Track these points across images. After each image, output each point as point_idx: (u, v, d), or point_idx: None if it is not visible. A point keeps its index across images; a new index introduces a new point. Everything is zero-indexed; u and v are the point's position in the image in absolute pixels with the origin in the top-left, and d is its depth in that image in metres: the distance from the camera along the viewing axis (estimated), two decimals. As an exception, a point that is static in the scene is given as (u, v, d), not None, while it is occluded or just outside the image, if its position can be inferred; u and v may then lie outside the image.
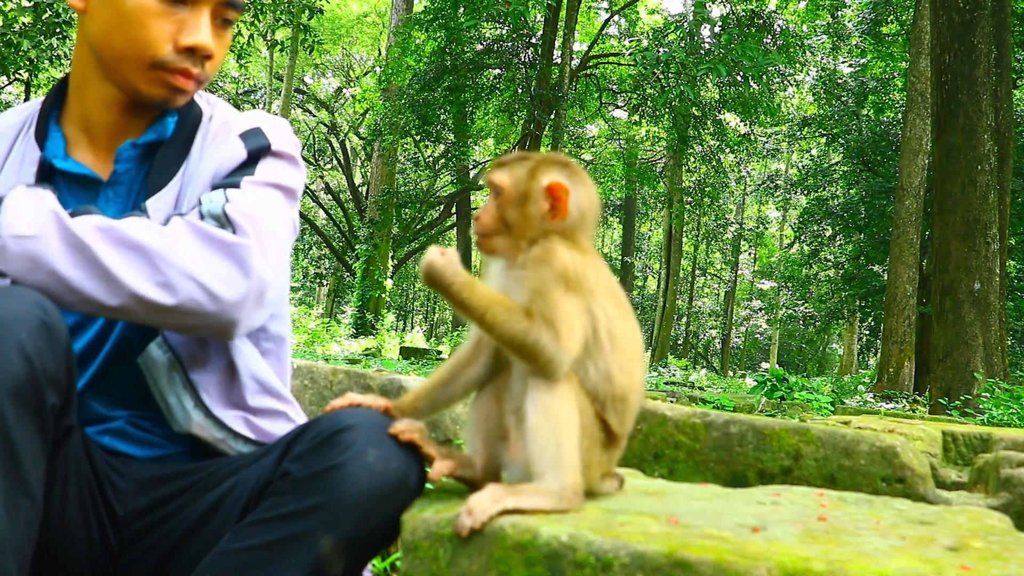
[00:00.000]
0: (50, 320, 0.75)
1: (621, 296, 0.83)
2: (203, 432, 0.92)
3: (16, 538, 0.73)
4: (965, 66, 6.69)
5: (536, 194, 0.82)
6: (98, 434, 0.94)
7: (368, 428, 0.81)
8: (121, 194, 0.94)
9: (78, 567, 0.89)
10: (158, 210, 0.92)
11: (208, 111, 1.00)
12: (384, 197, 12.60)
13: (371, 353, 9.28)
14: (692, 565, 0.67)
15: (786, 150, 17.06)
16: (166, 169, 0.94)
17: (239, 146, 0.94)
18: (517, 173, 0.83)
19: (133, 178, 0.95)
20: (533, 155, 0.86)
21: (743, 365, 23.01)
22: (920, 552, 0.73)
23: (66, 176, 0.95)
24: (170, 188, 0.93)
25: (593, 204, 0.84)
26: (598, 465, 0.81)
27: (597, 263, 0.82)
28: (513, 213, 0.82)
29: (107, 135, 0.96)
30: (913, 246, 8.29)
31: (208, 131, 0.97)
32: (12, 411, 0.71)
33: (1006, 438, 1.75)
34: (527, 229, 0.82)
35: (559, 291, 0.76)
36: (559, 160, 0.85)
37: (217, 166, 0.93)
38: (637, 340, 0.83)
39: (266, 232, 0.86)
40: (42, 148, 0.95)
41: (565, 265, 0.78)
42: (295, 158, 0.97)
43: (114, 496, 0.91)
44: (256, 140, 0.95)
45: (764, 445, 1.41)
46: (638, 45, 11.86)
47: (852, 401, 7.61)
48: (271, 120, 0.99)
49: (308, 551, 0.77)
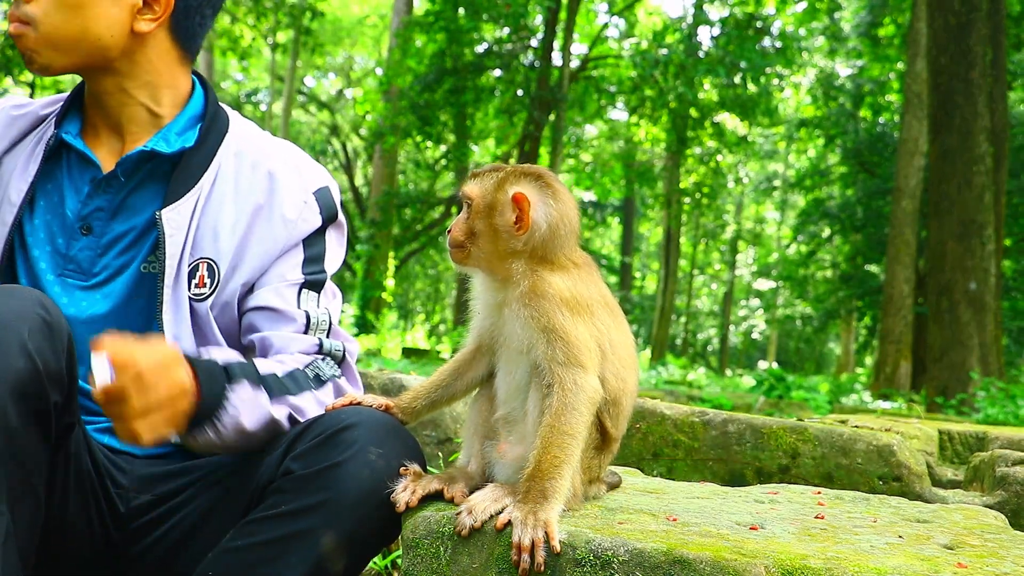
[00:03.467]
0: (51, 318, 0.76)
1: (612, 302, 0.84)
2: None
3: (19, 533, 0.74)
4: (961, 68, 6.72)
5: (502, 205, 0.82)
6: (100, 432, 0.94)
7: (369, 427, 0.82)
8: (114, 187, 0.96)
9: (81, 562, 0.89)
10: (171, 220, 0.92)
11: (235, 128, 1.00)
12: (385, 198, 12.59)
13: (372, 353, 9.29)
14: (690, 563, 0.67)
15: (784, 151, 17.08)
16: (185, 181, 0.94)
17: (315, 210, 0.98)
18: (486, 184, 0.84)
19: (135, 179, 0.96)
20: (507, 167, 0.85)
21: (741, 364, 23.03)
22: (917, 550, 0.74)
23: (70, 152, 0.97)
24: (187, 200, 0.94)
25: (566, 217, 0.82)
26: (587, 469, 0.82)
27: (585, 275, 0.82)
28: (481, 224, 0.83)
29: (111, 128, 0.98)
30: (910, 246, 8.31)
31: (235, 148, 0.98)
32: (14, 408, 0.72)
33: (1002, 437, 1.76)
34: (496, 241, 0.82)
35: (568, 322, 0.77)
36: (532, 172, 0.84)
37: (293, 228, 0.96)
38: (630, 346, 0.84)
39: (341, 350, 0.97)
40: (59, 127, 0.97)
41: (561, 293, 0.79)
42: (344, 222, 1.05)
43: (116, 492, 0.91)
44: (330, 206, 1.00)
45: (762, 444, 1.42)
46: (637, 47, 11.88)
47: (849, 400, 7.63)
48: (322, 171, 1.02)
49: (309, 548, 0.77)
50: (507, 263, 0.82)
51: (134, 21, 0.92)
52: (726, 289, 22.00)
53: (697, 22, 10.99)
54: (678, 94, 10.67)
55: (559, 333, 0.77)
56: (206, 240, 0.93)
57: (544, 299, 0.78)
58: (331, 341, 0.96)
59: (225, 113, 1.01)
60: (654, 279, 23.74)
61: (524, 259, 0.81)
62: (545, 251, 0.81)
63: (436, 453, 1.69)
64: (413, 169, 16.41)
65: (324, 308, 0.97)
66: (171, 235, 0.92)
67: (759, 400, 5.13)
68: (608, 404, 0.81)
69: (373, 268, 12.71)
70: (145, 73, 0.95)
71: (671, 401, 2.16)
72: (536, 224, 0.81)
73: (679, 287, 18.75)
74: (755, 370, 14.18)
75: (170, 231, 0.92)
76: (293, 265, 0.95)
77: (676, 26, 11.26)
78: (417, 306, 24.49)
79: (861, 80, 12.52)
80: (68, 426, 0.82)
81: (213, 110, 0.99)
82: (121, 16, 0.91)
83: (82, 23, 0.90)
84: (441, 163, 15.12)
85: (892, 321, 8.15)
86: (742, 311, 24.17)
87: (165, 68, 0.96)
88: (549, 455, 0.75)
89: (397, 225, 13.60)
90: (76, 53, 0.92)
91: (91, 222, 0.95)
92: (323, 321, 0.96)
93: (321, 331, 0.95)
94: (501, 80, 11.33)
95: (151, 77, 0.96)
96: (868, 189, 11.69)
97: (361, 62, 20.46)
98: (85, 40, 0.91)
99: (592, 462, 0.83)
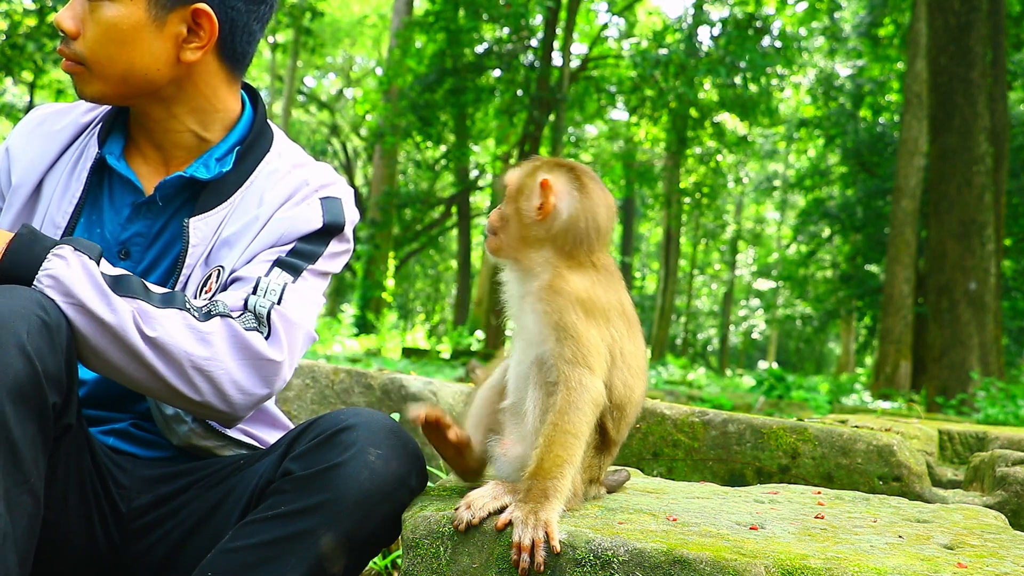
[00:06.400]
0: (50, 319, 0.76)
1: (630, 309, 0.83)
2: (204, 442, 0.94)
3: (18, 534, 0.74)
4: (961, 68, 6.72)
5: (530, 190, 0.82)
6: (103, 434, 0.94)
7: (369, 428, 0.82)
8: (154, 212, 0.95)
9: (81, 562, 0.89)
10: (198, 229, 0.92)
11: (277, 148, 0.99)
12: (385, 198, 12.59)
13: (372, 352, 9.29)
14: (690, 563, 0.67)
15: (784, 151, 17.08)
16: (218, 195, 0.94)
17: (317, 212, 0.94)
18: (523, 171, 0.84)
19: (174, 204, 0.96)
20: (548, 158, 0.86)
21: (741, 364, 23.04)
22: (917, 550, 0.74)
23: (112, 172, 0.97)
24: (216, 212, 0.94)
25: (590, 213, 0.81)
26: (587, 469, 0.82)
27: (605, 279, 0.82)
28: (510, 209, 0.83)
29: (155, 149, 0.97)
30: (910, 246, 8.31)
31: (272, 167, 0.97)
32: (13, 410, 0.72)
33: (1002, 437, 1.76)
34: (520, 226, 0.82)
35: (581, 323, 0.77)
36: (567, 165, 0.84)
37: (289, 226, 0.93)
38: (642, 356, 0.84)
39: (300, 340, 0.90)
40: (102, 146, 0.97)
41: (578, 293, 0.78)
42: (351, 240, 0.99)
43: (117, 493, 0.91)
44: (335, 214, 0.95)
45: (762, 444, 1.42)
46: (637, 47, 11.88)
47: (849, 400, 7.63)
48: (346, 189, 1.00)
49: (309, 549, 0.77)
50: (532, 252, 0.82)
51: (180, 51, 0.91)
52: (726, 289, 22.00)
53: (697, 22, 10.99)
54: (678, 94, 10.67)
55: (570, 332, 0.77)
56: (223, 251, 0.93)
57: (560, 296, 0.78)
58: (256, 298, 0.87)
59: (271, 132, 1.00)
60: (654, 279, 23.74)
61: (549, 251, 0.81)
62: (568, 245, 0.81)
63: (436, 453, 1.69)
64: (413, 169, 16.41)
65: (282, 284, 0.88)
66: (195, 245, 0.92)
67: (759, 400, 5.13)
68: (612, 409, 0.81)
69: (373, 268, 12.71)
70: (192, 99, 0.94)
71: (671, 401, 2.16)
72: (557, 211, 0.80)
73: (679, 287, 18.76)
74: (755, 370, 14.19)
75: (195, 240, 0.92)
76: (277, 251, 0.92)
77: (676, 26, 11.26)
78: (417, 306, 24.49)
79: (861, 80, 12.52)
80: (67, 427, 0.82)
81: (258, 129, 0.98)
82: (166, 47, 0.90)
83: (128, 58, 0.90)
84: (441, 163, 15.12)
85: (892, 321, 8.15)
86: (742, 311, 24.17)
87: (212, 92, 0.95)
88: (552, 454, 0.75)
89: (397, 225, 13.61)
90: (125, 86, 0.92)
91: (130, 247, 0.95)
92: (272, 292, 0.87)
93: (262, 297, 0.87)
94: (501, 80, 11.33)
95: (199, 102, 0.95)
96: (868, 189, 11.69)
97: (361, 62, 20.46)
98: (133, 74, 0.91)
99: (592, 462, 0.83)
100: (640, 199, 17.30)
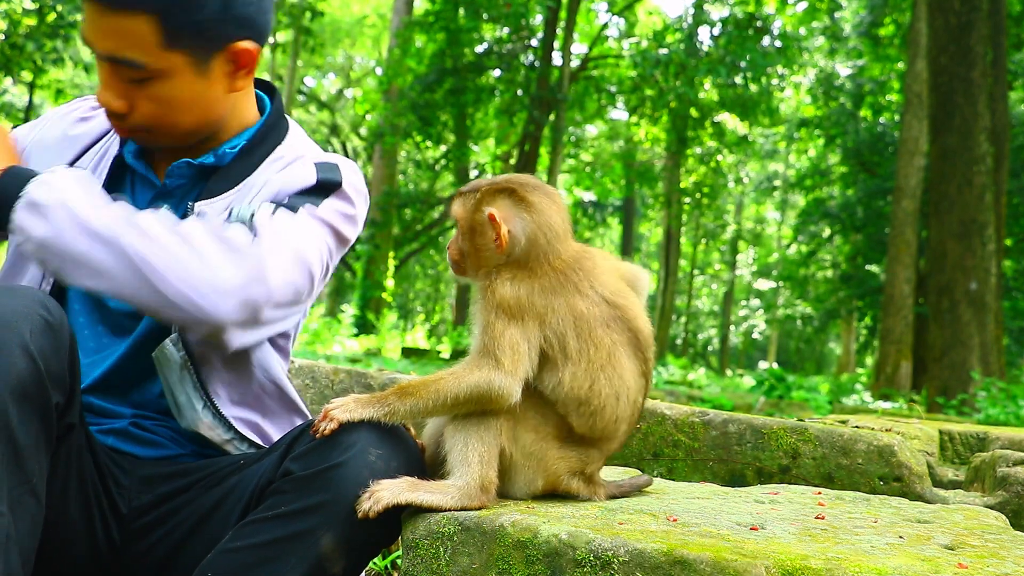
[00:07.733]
0: (53, 319, 0.76)
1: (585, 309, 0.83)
2: (210, 432, 0.93)
3: (20, 534, 0.74)
4: (961, 68, 6.72)
5: (481, 225, 0.86)
6: (102, 434, 0.94)
7: (369, 428, 0.82)
8: (172, 203, 0.95)
9: (82, 562, 0.89)
10: (204, 213, 0.93)
11: (290, 141, 1.00)
12: (385, 198, 12.59)
13: (372, 352, 9.30)
14: (691, 563, 0.67)
15: (784, 151, 17.08)
16: (226, 181, 0.95)
17: (311, 171, 0.94)
18: (467, 205, 0.87)
19: (186, 192, 0.96)
20: (486, 184, 0.88)
21: (741, 364, 23.03)
22: (917, 550, 0.74)
23: (135, 174, 0.98)
24: (223, 197, 0.94)
25: (545, 226, 0.84)
26: (559, 460, 0.84)
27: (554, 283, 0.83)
28: (467, 244, 0.87)
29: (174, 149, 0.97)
30: (910, 246, 8.31)
31: (278, 154, 0.98)
32: (16, 409, 0.72)
33: (1002, 437, 1.76)
34: (481, 258, 0.86)
35: (500, 323, 0.82)
36: (508, 187, 0.86)
37: (282, 184, 0.93)
38: (604, 348, 0.83)
39: (289, 251, 0.85)
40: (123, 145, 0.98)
41: (503, 299, 0.83)
42: (359, 208, 0.97)
43: (118, 492, 0.91)
44: (330, 173, 0.95)
45: (762, 444, 1.41)
46: (637, 47, 11.88)
47: (850, 400, 7.63)
48: (351, 165, 1.00)
49: (309, 549, 0.77)
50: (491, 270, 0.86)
51: (231, 83, 0.92)
52: (726, 289, 22.00)
53: (697, 22, 10.99)
54: (678, 94, 10.67)
55: (488, 330, 0.82)
56: None
57: (487, 302, 0.84)
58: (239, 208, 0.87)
59: (286, 124, 1.01)
60: (654, 279, 23.75)
61: (505, 267, 0.86)
62: (527, 259, 0.85)
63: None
64: (413, 169, 16.40)
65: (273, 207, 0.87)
66: None
67: (759, 400, 5.13)
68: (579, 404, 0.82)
69: (373, 268, 12.71)
70: (224, 110, 0.95)
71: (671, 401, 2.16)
72: (515, 239, 0.85)
73: (679, 287, 18.76)
74: (755, 370, 14.18)
75: None
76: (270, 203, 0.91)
77: (676, 26, 11.26)
78: (417, 306, 24.50)
79: (861, 80, 12.52)
80: (69, 427, 0.82)
81: (271, 122, 0.99)
82: (220, 87, 0.92)
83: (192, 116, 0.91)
84: (441, 163, 15.12)
85: (892, 321, 8.15)
86: (742, 311, 24.17)
87: (238, 101, 0.97)
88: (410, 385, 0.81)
89: (397, 225, 13.61)
90: (197, 133, 0.94)
91: None
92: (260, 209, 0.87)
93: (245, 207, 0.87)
94: (501, 80, 11.34)
95: (226, 111, 0.96)
96: (868, 189, 11.69)
97: (361, 62, 20.46)
98: (202, 124, 0.93)
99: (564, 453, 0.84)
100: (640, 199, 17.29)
